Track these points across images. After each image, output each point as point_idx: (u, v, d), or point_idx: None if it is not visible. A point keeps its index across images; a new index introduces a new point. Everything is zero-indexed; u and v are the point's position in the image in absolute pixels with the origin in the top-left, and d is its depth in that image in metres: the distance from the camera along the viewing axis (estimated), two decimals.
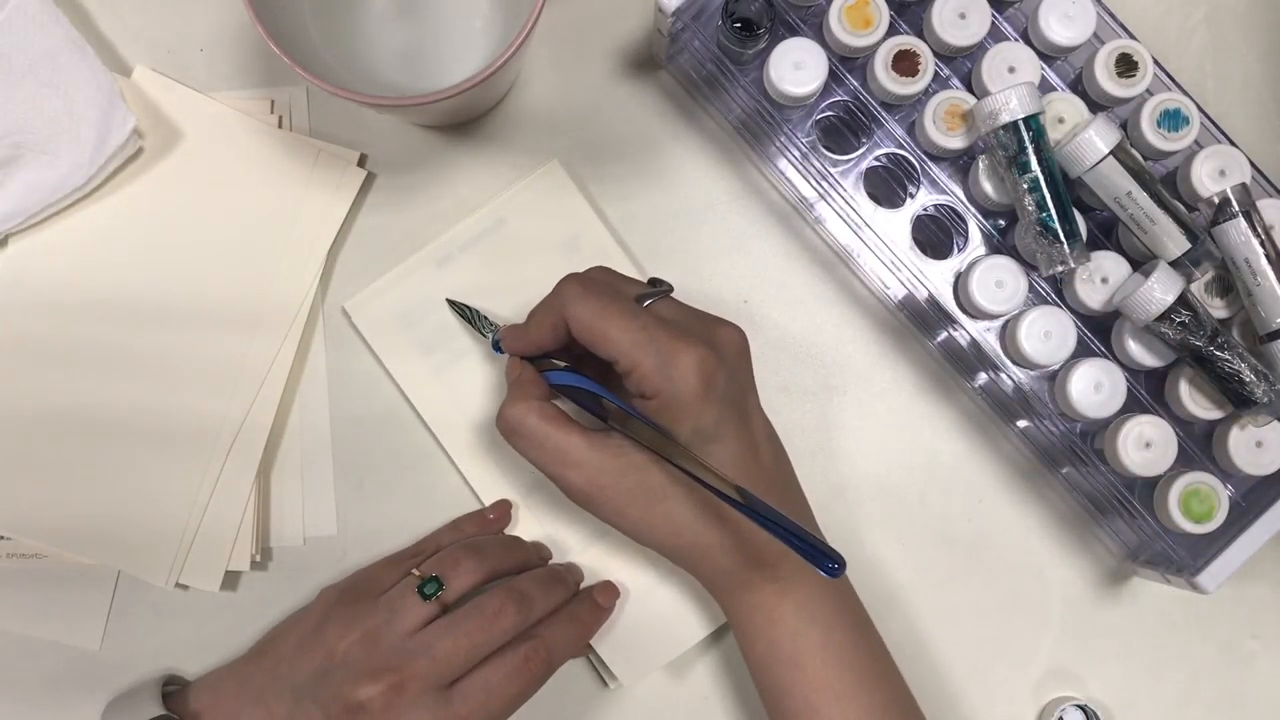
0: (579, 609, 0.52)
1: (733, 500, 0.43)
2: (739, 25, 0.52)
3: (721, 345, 0.48)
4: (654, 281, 0.52)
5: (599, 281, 0.49)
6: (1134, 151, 0.51)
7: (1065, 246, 0.50)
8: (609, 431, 0.48)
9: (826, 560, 0.42)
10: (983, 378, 0.56)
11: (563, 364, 0.50)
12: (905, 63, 0.52)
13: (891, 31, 0.52)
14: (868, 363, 0.59)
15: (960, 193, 0.54)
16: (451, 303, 0.56)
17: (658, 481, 0.47)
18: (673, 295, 0.51)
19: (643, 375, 0.46)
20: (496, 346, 0.53)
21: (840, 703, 0.48)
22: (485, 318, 0.55)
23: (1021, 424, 0.56)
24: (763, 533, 0.43)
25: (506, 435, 0.49)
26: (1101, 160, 0.49)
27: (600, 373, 0.49)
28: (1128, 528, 0.54)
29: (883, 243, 0.53)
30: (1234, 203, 0.50)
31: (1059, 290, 0.54)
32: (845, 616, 0.50)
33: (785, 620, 0.48)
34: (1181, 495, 0.51)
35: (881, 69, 0.52)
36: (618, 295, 0.48)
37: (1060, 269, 0.51)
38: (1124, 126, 0.54)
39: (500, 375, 0.56)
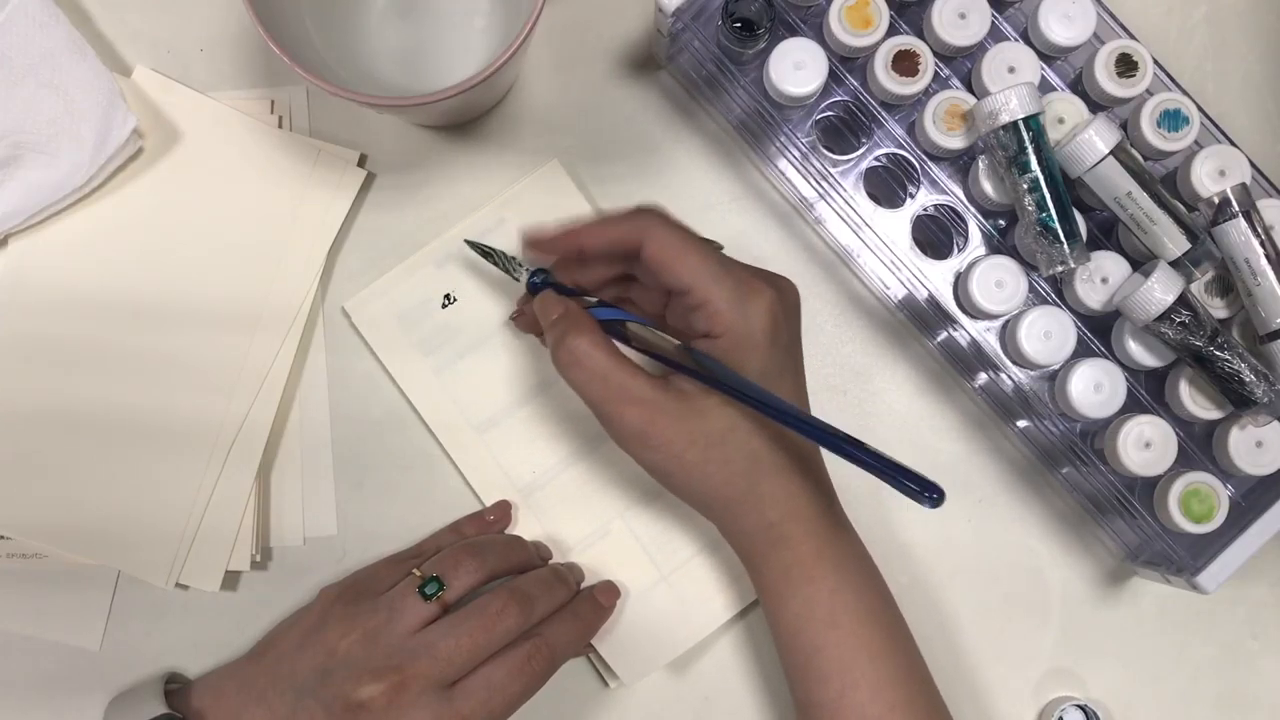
0: (580, 608, 0.52)
1: (817, 432, 0.43)
2: (739, 25, 0.52)
3: (785, 293, 0.49)
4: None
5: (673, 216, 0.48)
6: (1134, 151, 0.51)
7: (1065, 246, 0.50)
8: (667, 375, 0.47)
9: (926, 490, 0.41)
10: (983, 378, 0.56)
11: (595, 300, 0.48)
12: (905, 63, 0.52)
13: (891, 31, 0.52)
14: (867, 363, 0.59)
15: (960, 193, 0.54)
16: (471, 244, 0.53)
17: (718, 427, 0.46)
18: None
19: (716, 310, 0.46)
20: (532, 287, 0.50)
21: (874, 662, 0.47)
22: (513, 258, 0.52)
23: (1021, 424, 0.56)
24: (808, 488, 0.44)
25: (565, 368, 0.47)
26: (1101, 160, 0.49)
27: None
28: (1128, 528, 0.54)
29: (883, 243, 0.53)
30: (1234, 203, 0.50)
31: (1059, 290, 0.54)
32: (874, 581, 0.49)
33: (825, 577, 0.48)
34: (1181, 495, 0.51)
35: (881, 69, 0.52)
36: (693, 231, 0.48)
37: (1060, 269, 0.51)
38: (1124, 126, 0.54)
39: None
